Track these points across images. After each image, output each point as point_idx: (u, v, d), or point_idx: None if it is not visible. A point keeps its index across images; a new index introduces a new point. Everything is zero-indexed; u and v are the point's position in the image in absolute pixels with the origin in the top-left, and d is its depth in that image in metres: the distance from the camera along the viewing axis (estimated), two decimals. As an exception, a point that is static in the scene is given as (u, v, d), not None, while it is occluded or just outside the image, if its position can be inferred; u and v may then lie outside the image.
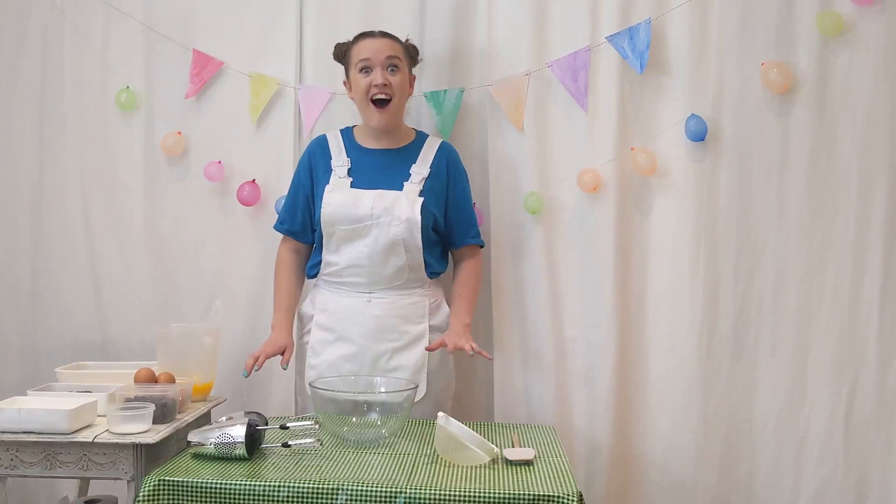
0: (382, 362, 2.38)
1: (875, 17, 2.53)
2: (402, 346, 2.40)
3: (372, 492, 1.73)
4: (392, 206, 2.37)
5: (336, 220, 2.38)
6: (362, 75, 2.39)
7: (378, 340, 2.39)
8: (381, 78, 2.37)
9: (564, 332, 2.69)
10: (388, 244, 2.37)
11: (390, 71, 2.38)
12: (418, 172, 2.43)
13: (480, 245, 2.56)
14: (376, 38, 2.41)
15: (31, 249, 2.86)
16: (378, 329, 2.39)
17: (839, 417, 2.61)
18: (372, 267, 2.39)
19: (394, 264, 2.38)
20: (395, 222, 2.35)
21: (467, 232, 2.52)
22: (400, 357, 2.39)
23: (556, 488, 1.74)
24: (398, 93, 2.40)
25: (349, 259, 2.40)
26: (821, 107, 2.57)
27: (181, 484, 1.78)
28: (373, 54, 2.38)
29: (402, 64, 2.41)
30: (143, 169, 2.81)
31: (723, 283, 2.63)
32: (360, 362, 2.38)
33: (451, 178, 2.48)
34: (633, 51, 2.58)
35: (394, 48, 2.41)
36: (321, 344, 2.45)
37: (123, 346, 2.81)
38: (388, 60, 2.38)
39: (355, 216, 2.37)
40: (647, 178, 2.65)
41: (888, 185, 2.56)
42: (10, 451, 1.96)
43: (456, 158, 2.52)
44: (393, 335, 2.40)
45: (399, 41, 2.45)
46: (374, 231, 2.37)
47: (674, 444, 2.65)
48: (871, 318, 2.59)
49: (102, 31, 2.80)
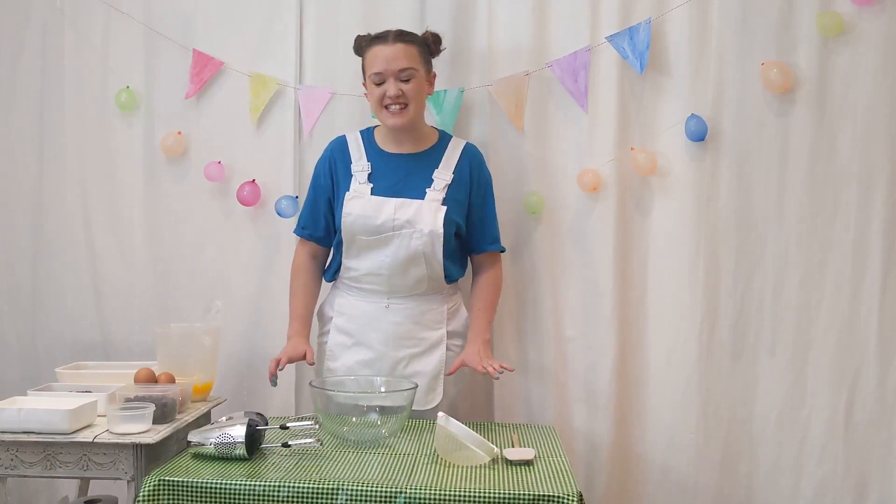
0: (400, 368, 2.36)
1: (875, 17, 2.53)
2: (420, 352, 2.38)
3: (372, 492, 1.73)
4: (414, 218, 2.31)
5: (356, 230, 2.33)
6: (375, 85, 2.33)
7: (396, 347, 2.37)
8: (395, 90, 2.29)
9: (564, 332, 2.69)
10: (408, 256, 2.32)
11: (404, 80, 2.31)
12: (441, 178, 2.37)
13: (501, 250, 2.50)
14: (389, 44, 2.31)
15: (31, 249, 2.86)
16: (396, 336, 2.37)
17: (839, 417, 2.61)
18: (391, 277, 2.35)
19: (413, 275, 2.35)
20: (416, 234, 2.30)
21: (487, 238, 2.45)
22: (418, 363, 2.38)
23: (556, 488, 1.74)
24: (413, 100, 2.31)
25: (369, 267, 2.36)
26: (821, 107, 2.57)
27: (181, 484, 1.78)
28: (385, 67, 2.29)
29: (416, 72, 2.32)
30: (143, 169, 2.81)
31: (723, 283, 2.63)
32: (378, 368, 2.36)
33: (474, 183, 2.41)
34: (633, 51, 2.58)
35: (408, 56, 2.31)
36: (339, 348, 2.43)
37: (123, 346, 2.81)
38: (400, 73, 2.30)
39: (375, 226, 2.32)
40: (647, 178, 2.65)
41: (888, 185, 2.56)
42: (10, 451, 1.96)
43: (481, 162, 2.46)
44: (411, 341, 2.38)
45: (415, 42, 2.35)
46: (395, 241, 2.32)
47: (674, 443, 2.65)
48: (871, 318, 2.59)
49: (102, 31, 2.80)
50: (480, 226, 2.44)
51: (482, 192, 2.44)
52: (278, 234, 2.73)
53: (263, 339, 2.77)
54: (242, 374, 2.77)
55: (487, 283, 2.47)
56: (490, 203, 2.47)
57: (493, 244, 2.47)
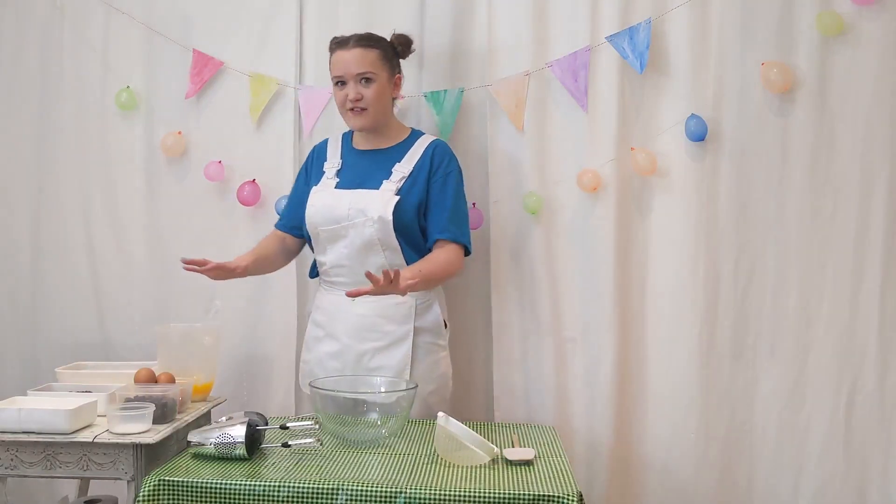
0: (365, 361, 2.37)
1: (875, 17, 2.53)
2: (384, 345, 2.38)
3: (372, 492, 1.73)
4: (366, 207, 2.34)
5: (317, 222, 2.40)
6: (338, 88, 2.40)
7: (361, 339, 2.38)
8: (354, 93, 2.36)
9: (564, 332, 2.69)
10: (363, 244, 2.35)
11: (363, 83, 2.36)
12: (399, 171, 2.39)
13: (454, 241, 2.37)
14: (348, 49, 2.36)
15: (31, 249, 2.86)
16: (361, 328, 2.38)
17: (839, 417, 2.61)
18: (353, 267, 2.37)
19: (374, 263, 2.35)
20: (368, 223, 2.33)
21: (439, 228, 2.37)
22: (382, 357, 2.38)
23: (556, 488, 1.74)
24: (373, 103, 2.36)
25: (333, 259, 2.41)
26: (821, 107, 2.57)
27: (181, 484, 1.78)
28: (344, 70, 2.36)
29: (376, 74, 2.36)
30: (143, 169, 2.81)
31: (723, 283, 2.63)
32: (344, 360, 2.39)
33: (433, 173, 2.40)
34: (633, 51, 2.58)
35: (366, 61, 2.35)
36: (313, 340, 2.49)
37: (123, 346, 2.81)
38: (359, 76, 2.35)
39: (333, 217, 2.37)
40: (647, 178, 2.65)
41: (888, 185, 2.56)
42: (10, 451, 1.96)
43: (443, 154, 2.42)
44: (375, 335, 2.38)
45: (376, 45, 2.38)
46: (350, 231, 2.36)
47: (674, 443, 2.65)
48: (871, 318, 2.59)
49: (102, 31, 2.80)
50: (435, 213, 2.38)
51: (440, 182, 2.39)
52: (278, 234, 2.73)
53: (263, 339, 2.78)
54: (242, 374, 2.77)
55: (436, 253, 2.36)
56: (450, 193, 2.39)
57: (443, 233, 2.37)
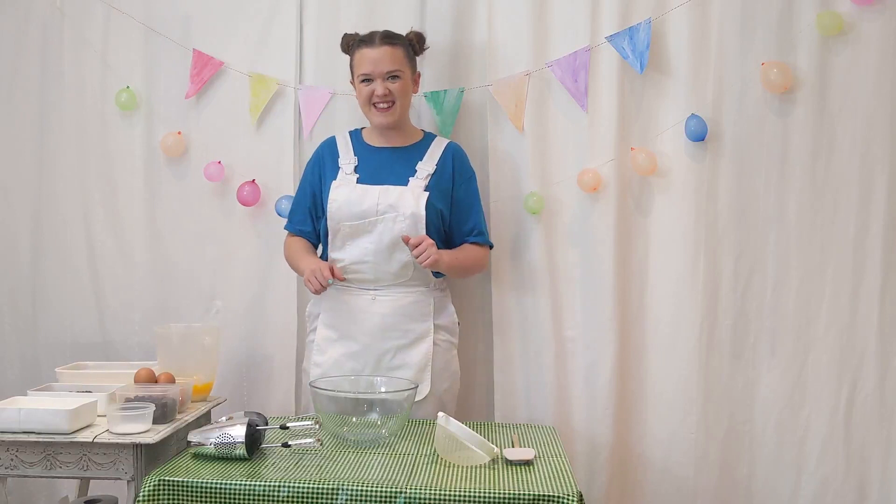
0: (386, 360, 2.39)
1: (875, 17, 2.53)
2: (406, 343, 2.40)
3: (372, 492, 1.73)
4: (397, 202, 2.37)
5: (342, 216, 2.40)
6: (364, 85, 2.42)
7: (382, 338, 2.40)
8: (382, 89, 2.39)
9: (564, 332, 2.69)
10: (392, 240, 2.37)
11: (391, 80, 2.40)
12: (424, 169, 2.44)
13: (485, 244, 2.53)
14: (376, 47, 2.40)
15: (31, 249, 2.86)
16: (382, 327, 2.40)
17: (839, 417, 2.61)
18: (377, 263, 2.39)
19: (398, 260, 2.39)
20: (399, 218, 2.37)
21: (472, 230, 2.49)
22: (404, 355, 2.40)
23: (556, 488, 1.74)
24: (400, 98, 2.42)
25: (354, 255, 2.40)
26: (821, 107, 2.57)
27: (181, 484, 1.78)
28: (373, 68, 2.39)
29: (403, 72, 2.42)
30: (143, 169, 2.81)
31: (723, 283, 2.63)
32: (363, 360, 2.39)
33: (456, 177, 2.48)
34: (633, 51, 2.58)
35: (394, 59, 2.40)
36: (326, 342, 2.46)
37: (123, 346, 2.81)
38: (388, 73, 2.39)
39: (360, 211, 2.38)
40: (647, 178, 2.65)
41: (888, 185, 2.56)
42: (10, 451, 1.96)
43: (463, 158, 2.53)
44: (397, 333, 2.40)
45: (400, 43, 2.44)
46: (378, 227, 2.38)
47: (674, 443, 2.65)
48: (871, 318, 2.59)
49: (102, 31, 2.80)
50: (465, 218, 2.49)
51: (465, 186, 2.50)
52: (278, 234, 2.72)
53: (263, 339, 2.78)
54: (242, 374, 2.77)
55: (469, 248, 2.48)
56: (474, 196, 2.52)
57: (478, 236, 2.50)
